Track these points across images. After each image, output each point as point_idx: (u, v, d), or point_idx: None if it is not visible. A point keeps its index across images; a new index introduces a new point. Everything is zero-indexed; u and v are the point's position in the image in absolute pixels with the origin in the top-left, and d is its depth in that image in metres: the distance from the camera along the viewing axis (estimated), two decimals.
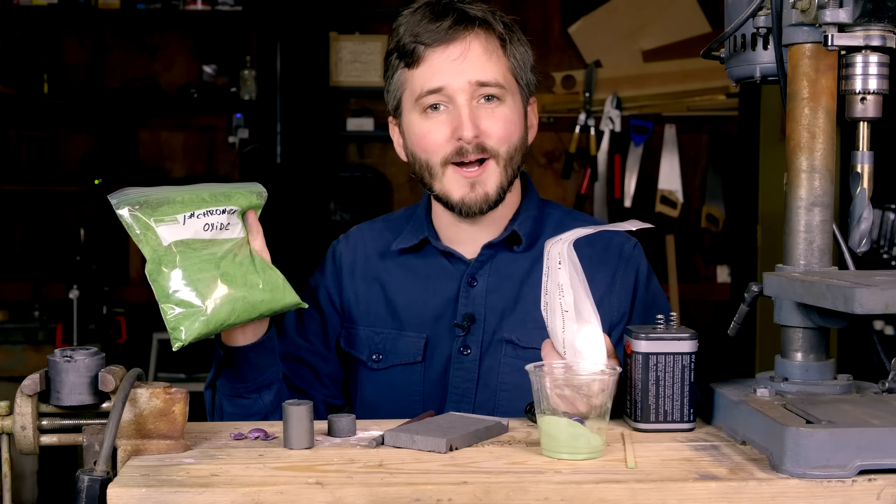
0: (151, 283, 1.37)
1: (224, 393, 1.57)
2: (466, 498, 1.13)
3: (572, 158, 5.09)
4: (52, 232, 5.01)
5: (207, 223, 1.40)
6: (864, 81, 1.29)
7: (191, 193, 1.40)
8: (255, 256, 1.44)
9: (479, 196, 1.63)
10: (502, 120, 1.62)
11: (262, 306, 1.42)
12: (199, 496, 1.12)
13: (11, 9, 4.85)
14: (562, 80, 5.13)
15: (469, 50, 1.61)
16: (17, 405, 1.23)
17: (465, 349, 1.66)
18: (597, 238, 1.68)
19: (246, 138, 4.88)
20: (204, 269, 1.38)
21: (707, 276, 5.26)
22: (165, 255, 1.37)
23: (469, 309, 1.67)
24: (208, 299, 1.37)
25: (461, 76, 1.61)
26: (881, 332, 3.30)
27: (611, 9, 5.12)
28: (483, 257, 1.69)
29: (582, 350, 1.34)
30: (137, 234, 1.36)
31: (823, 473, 1.13)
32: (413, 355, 1.68)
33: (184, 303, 1.36)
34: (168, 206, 1.38)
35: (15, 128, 5.03)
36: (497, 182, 1.63)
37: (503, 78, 1.63)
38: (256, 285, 1.41)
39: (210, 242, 1.40)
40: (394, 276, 1.73)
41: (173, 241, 1.37)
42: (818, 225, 1.35)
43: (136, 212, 1.36)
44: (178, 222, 1.38)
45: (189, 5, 4.90)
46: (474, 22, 1.62)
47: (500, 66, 1.63)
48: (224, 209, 1.42)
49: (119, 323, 4.54)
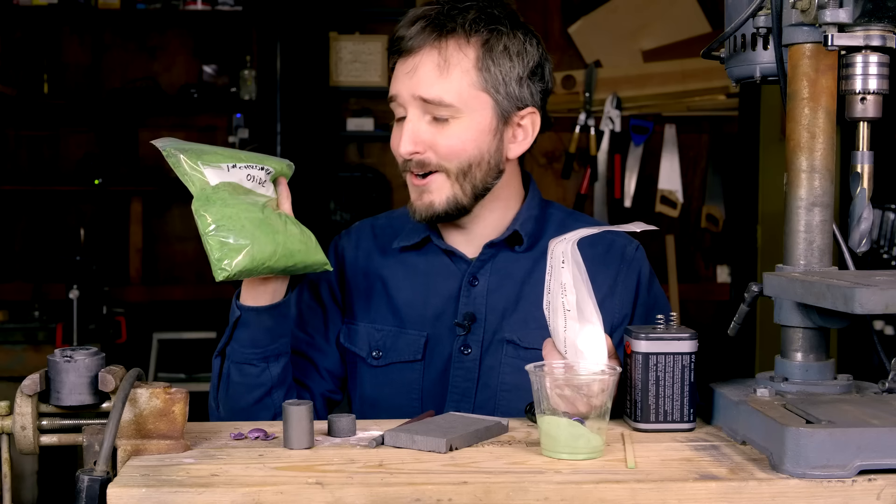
0: (197, 218, 1.42)
1: (233, 360, 1.58)
2: (466, 498, 1.13)
3: (572, 158, 5.09)
4: (52, 232, 5.01)
5: (250, 174, 1.47)
6: (864, 81, 1.29)
7: (230, 150, 1.48)
8: (288, 217, 1.50)
9: (424, 204, 1.63)
10: (448, 137, 1.60)
11: (298, 255, 1.47)
12: (199, 496, 1.12)
13: (11, 9, 4.85)
14: (562, 80, 5.13)
15: (421, 64, 1.59)
16: (17, 405, 1.23)
17: (465, 348, 1.66)
18: (599, 239, 1.68)
19: (246, 138, 4.88)
20: (250, 210, 1.43)
21: (707, 276, 5.26)
22: (214, 193, 1.42)
23: (470, 308, 1.67)
24: (254, 236, 1.41)
25: (409, 90, 1.60)
26: (881, 332, 3.30)
27: (611, 9, 5.12)
28: (484, 256, 1.69)
29: (583, 350, 1.34)
30: (186, 171, 1.43)
31: (823, 473, 1.13)
32: (413, 353, 1.68)
33: (231, 235, 1.41)
34: (211, 155, 1.45)
35: (15, 128, 5.04)
36: (446, 195, 1.62)
37: (458, 95, 1.58)
38: (295, 234, 1.47)
39: (251, 192, 1.46)
40: (395, 274, 1.73)
41: (220, 181, 1.43)
42: (818, 225, 1.35)
43: (183, 154, 1.43)
44: (223, 168, 1.44)
45: (189, 5, 4.90)
46: (444, 32, 1.59)
47: (461, 82, 1.59)
48: (262, 167, 1.49)
49: (119, 323, 4.54)
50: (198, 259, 5.05)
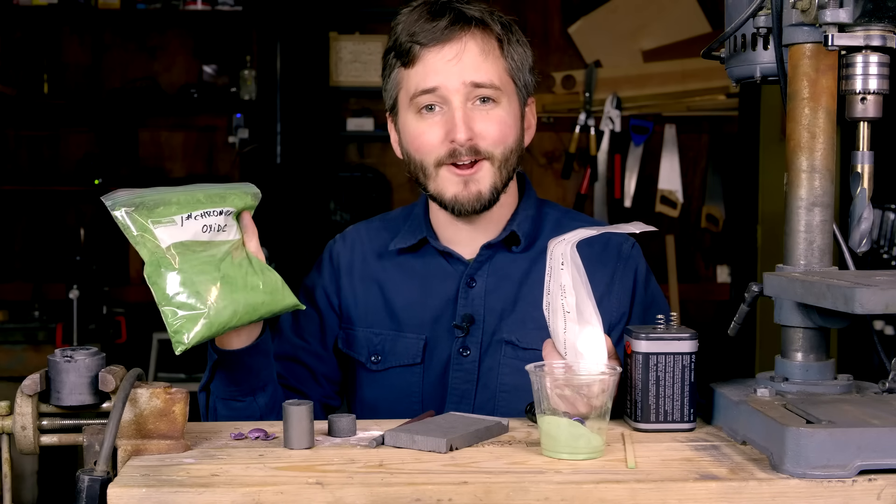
0: (151, 286, 1.36)
1: (218, 396, 1.56)
2: (466, 498, 1.13)
3: (572, 158, 5.09)
4: (52, 232, 5.01)
5: (206, 224, 1.38)
6: (865, 81, 1.29)
7: (186, 194, 1.38)
8: (252, 258, 1.43)
9: (471, 194, 1.62)
10: (497, 122, 1.62)
11: (262, 308, 1.41)
12: (199, 496, 1.12)
13: (11, 9, 4.85)
14: (562, 80, 5.13)
15: (465, 50, 1.60)
16: (18, 405, 1.23)
17: (464, 350, 1.66)
18: (595, 238, 1.67)
19: (246, 138, 4.88)
20: (205, 271, 1.36)
21: (707, 276, 5.26)
22: (164, 258, 1.35)
23: (468, 310, 1.67)
24: (210, 302, 1.35)
25: (456, 77, 1.60)
26: (881, 332, 3.30)
27: (611, 9, 5.12)
28: (482, 258, 1.69)
29: (583, 352, 1.34)
30: (135, 236, 1.35)
31: (823, 473, 1.13)
32: (412, 356, 1.68)
33: (185, 305, 1.34)
34: (164, 208, 1.36)
35: (15, 128, 5.03)
36: (491, 182, 1.63)
37: (499, 79, 1.62)
38: (257, 287, 1.40)
39: (209, 244, 1.39)
40: (392, 277, 1.72)
41: (172, 242, 1.36)
42: (818, 225, 1.35)
43: (133, 213, 1.35)
44: (176, 224, 1.36)
45: (189, 5, 4.90)
46: (471, 22, 1.61)
47: (497, 67, 1.62)
48: (221, 210, 1.40)
49: (119, 323, 4.54)
50: None
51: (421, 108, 1.62)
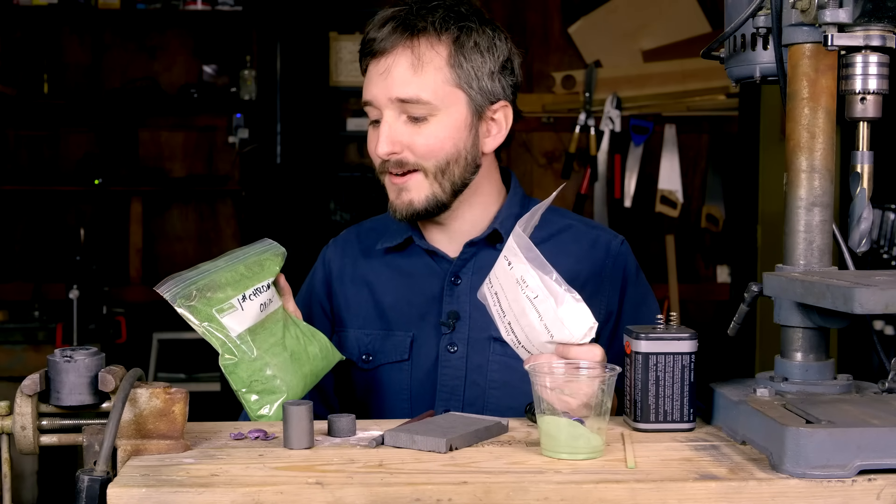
0: (228, 375, 1.42)
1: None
2: (466, 498, 1.13)
3: (572, 158, 5.09)
4: (52, 232, 5.01)
5: (261, 303, 1.46)
6: (864, 81, 1.29)
7: (230, 272, 1.45)
8: (298, 322, 1.52)
9: (403, 202, 1.64)
10: (425, 136, 1.61)
11: (322, 372, 1.53)
12: (199, 496, 1.12)
13: (11, 9, 4.85)
14: (562, 80, 5.13)
15: (394, 65, 1.60)
16: (17, 405, 1.23)
17: (451, 347, 1.67)
18: (583, 236, 1.71)
19: (246, 138, 4.88)
20: (276, 353, 1.45)
21: (707, 276, 5.26)
22: (239, 347, 1.42)
23: (454, 307, 1.68)
24: (285, 381, 1.44)
25: (383, 92, 1.61)
26: (881, 332, 3.29)
27: (611, 9, 5.12)
28: (465, 255, 1.70)
29: (564, 318, 1.34)
30: (200, 326, 1.41)
31: (823, 473, 1.13)
32: (400, 354, 1.69)
33: (265, 391, 1.43)
34: (220, 292, 1.42)
35: (15, 128, 5.03)
36: (425, 193, 1.63)
37: (432, 93, 1.60)
38: (317, 355, 1.51)
39: (268, 321, 1.46)
40: (380, 277, 1.74)
41: (241, 331, 1.42)
42: (818, 225, 1.35)
43: (194, 303, 1.40)
44: (237, 308, 1.42)
45: (189, 5, 4.90)
46: (414, 32, 1.60)
47: (433, 80, 1.60)
48: (267, 284, 1.47)
49: (119, 323, 4.54)
50: (198, 259, 5.03)
51: (368, 116, 1.67)
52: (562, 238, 1.71)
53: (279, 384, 1.43)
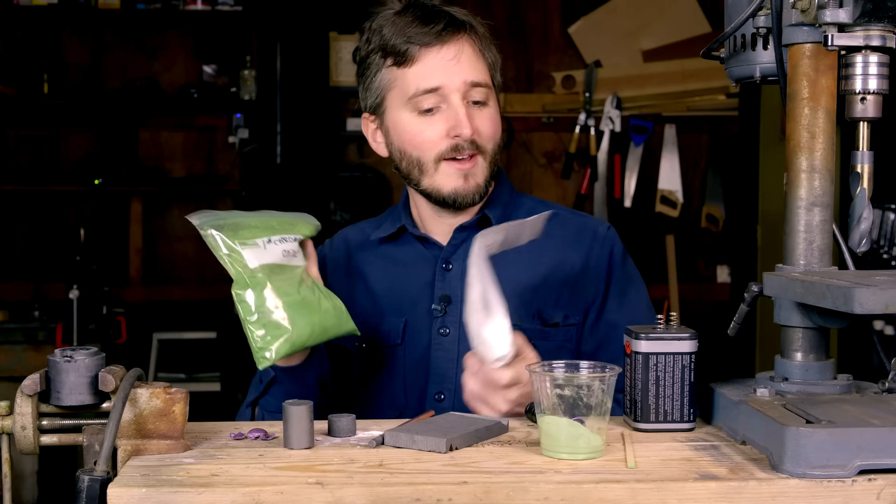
0: (238, 303, 1.44)
1: (268, 409, 1.64)
2: (466, 498, 1.13)
3: (572, 158, 5.09)
4: (52, 232, 5.01)
5: (285, 249, 1.49)
6: (864, 81, 1.29)
7: (261, 219, 1.49)
8: (317, 283, 1.53)
9: (471, 187, 1.69)
10: (489, 119, 1.70)
11: (331, 330, 1.52)
12: (199, 496, 1.12)
13: (11, 9, 4.85)
14: (562, 80, 5.13)
15: (462, 51, 1.68)
16: (17, 405, 1.23)
17: (444, 330, 1.71)
18: (570, 222, 1.77)
19: (246, 138, 4.88)
20: (289, 292, 1.46)
21: (707, 276, 5.26)
22: (252, 278, 1.44)
23: (445, 290, 1.72)
24: (293, 321, 1.45)
25: (458, 76, 1.67)
26: (881, 332, 3.29)
27: (611, 9, 5.12)
28: (456, 241, 1.75)
29: (488, 339, 1.41)
30: (224, 255, 1.44)
31: (823, 473, 1.13)
32: (393, 338, 1.74)
33: (271, 324, 1.44)
34: (247, 230, 1.45)
35: (15, 128, 5.03)
36: (484, 176, 1.71)
37: (490, 78, 1.72)
38: (329, 310, 1.51)
39: (286, 268, 1.48)
40: (374, 267, 1.80)
41: (259, 264, 1.44)
42: (818, 225, 1.35)
43: (222, 233, 1.43)
44: (260, 246, 1.46)
45: (189, 5, 4.90)
46: (463, 26, 1.70)
47: (485, 67, 1.72)
48: (295, 237, 1.50)
49: (119, 323, 4.54)
50: (198, 259, 5.05)
51: (421, 106, 1.68)
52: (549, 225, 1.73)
53: (286, 323, 1.44)
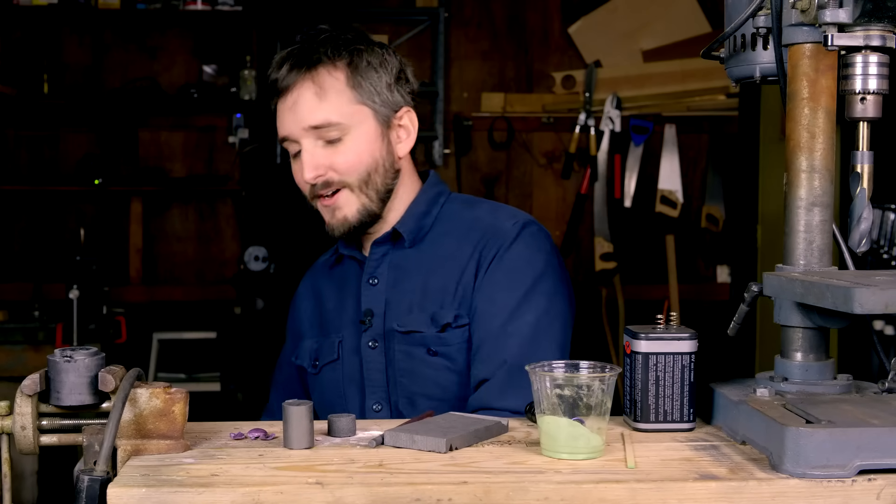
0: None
1: None
2: (466, 498, 1.13)
3: (572, 158, 5.09)
4: (52, 232, 5.01)
5: None
6: (864, 81, 1.29)
7: None
8: None
9: (339, 220, 1.77)
10: (343, 154, 1.72)
11: None
12: (199, 496, 1.12)
13: (11, 9, 4.84)
14: (562, 80, 5.12)
15: (300, 97, 1.72)
16: (17, 405, 1.23)
17: (373, 343, 1.77)
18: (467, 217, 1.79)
19: (246, 138, 4.87)
20: None
21: (707, 276, 5.26)
22: None
23: (367, 305, 1.79)
24: None
25: (296, 124, 1.73)
26: (881, 332, 3.29)
27: (611, 9, 5.12)
28: (375, 255, 1.80)
29: None
30: None
31: (823, 473, 1.13)
32: (332, 354, 1.81)
33: None
34: None
35: (15, 128, 5.03)
36: (356, 206, 1.75)
37: (340, 114, 1.71)
38: None
39: None
40: (324, 289, 1.90)
41: None
42: (818, 225, 1.35)
43: None
44: None
45: (189, 5, 4.89)
46: (310, 64, 1.72)
47: (339, 101, 1.72)
48: None
49: (119, 323, 4.54)
50: (198, 259, 5.05)
51: (289, 150, 1.78)
52: (448, 223, 1.80)
53: None
